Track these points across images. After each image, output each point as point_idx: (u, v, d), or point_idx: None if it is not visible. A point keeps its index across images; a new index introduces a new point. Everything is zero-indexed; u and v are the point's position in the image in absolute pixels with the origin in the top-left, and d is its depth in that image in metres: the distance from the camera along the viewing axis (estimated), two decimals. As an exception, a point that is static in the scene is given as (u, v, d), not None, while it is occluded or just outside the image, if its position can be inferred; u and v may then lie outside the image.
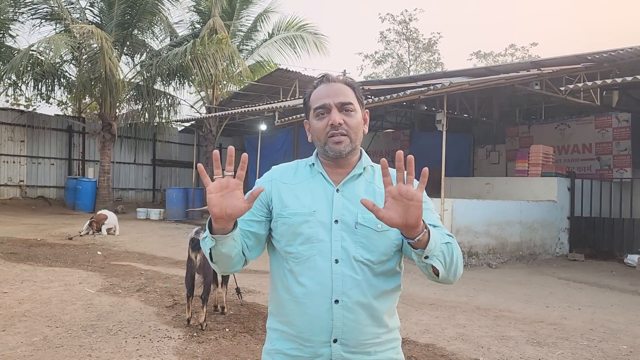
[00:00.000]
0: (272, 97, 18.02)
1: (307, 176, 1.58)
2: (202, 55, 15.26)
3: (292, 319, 1.50)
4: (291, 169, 1.62)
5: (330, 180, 1.54)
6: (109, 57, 14.34)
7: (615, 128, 12.31)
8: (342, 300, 1.44)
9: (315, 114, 1.55)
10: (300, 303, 1.47)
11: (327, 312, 1.44)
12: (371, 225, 1.46)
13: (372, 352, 1.48)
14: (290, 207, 1.52)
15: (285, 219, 1.51)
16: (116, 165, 18.56)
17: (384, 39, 36.39)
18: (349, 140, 1.51)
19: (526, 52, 34.57)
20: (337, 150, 1.50)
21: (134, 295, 5.96)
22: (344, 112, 1.52)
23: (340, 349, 1.45)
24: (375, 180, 1.56)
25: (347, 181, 1.54)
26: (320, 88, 1.57)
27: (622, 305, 6.71)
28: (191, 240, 5.00)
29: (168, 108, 18.02)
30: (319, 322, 1.45)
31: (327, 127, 1.51)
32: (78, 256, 8.48)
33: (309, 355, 1.47)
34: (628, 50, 9.20)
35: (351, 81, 1.59)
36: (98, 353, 4.03)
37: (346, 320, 1.44)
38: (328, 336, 1.44)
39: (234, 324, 5.01)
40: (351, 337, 1.45)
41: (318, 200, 1.51)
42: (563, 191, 11.13)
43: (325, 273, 1.45)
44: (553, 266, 9.82)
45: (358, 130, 1.54)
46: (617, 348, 4.79)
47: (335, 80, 1.57)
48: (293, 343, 1.50)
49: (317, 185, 1.55)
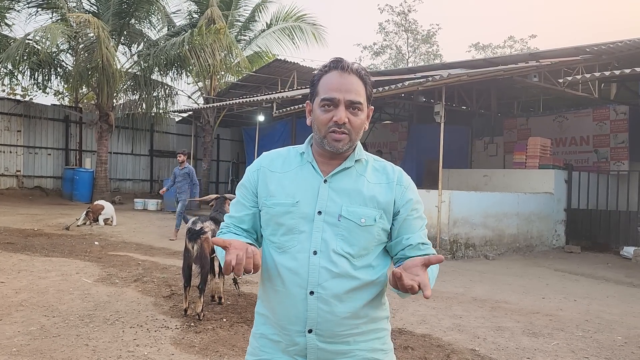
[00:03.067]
0: (270, 88, 17.96)
1: (296, 164, 1.57)
2: (200, 45, 15.17)
3: (273, 305, 1.51)
4: (281, 156, 1.61)
5: (319, 171, 1.53)
6: (105, 47, 14.24)
7: (613, 121, 12.31)
8: (317, 291, 1.44)
9: (321, 103, 1.50)
10: (278, 292, 1.48)
11: (302, 302, 1.44)
12: (354, 219, 1.47)
13: (351, 342, 1.48)
14: (275, 197, 1.52)
15: (269, 209, 1.52)
16: (113, 156, 18.50)
17: (383, 30, 36.28)
18: (349, 139, 1.49)
19: (525, 44, 34.54)
20: (335, 147, 1.49)
21: (131, 285, 5.96)
22: (350, 109, 1.48)
23: (315, 339, 1.45)
24: (367, 173, 1.55)
25: (337, 173, 1.52)
26: (332, 75, 1.50)
27: (617, 296, 6.75)
28: (188, 231, 5.00)
29: (165, 98, 17.92)
30: (295, 312, 1.46)
31: (330, 122, 1.48)
32: (75, 246, 8.48)
33: (286, 342, 1.48)
34: (627, 43, 9.18)
35: (365, 74, 1.53)
36: (95, 342, 4.04)
37: (320, 311, 1.44)
38: (303, 326, 1.45)
39: (231, 314, 5.03)
40: (326, 328, 1.44)
41: (303, 191, 1.51)
42: (560, 183, 11.15)
43: (303, 264, 1.45)
44: (549, 258, 9.86)
45: (360, 130, 1.52)
46: (612, 339, 4.82)
47: (350, 71, 1.50)
48: (274, 329, 1.52)
49: (305, 174, 1.54)
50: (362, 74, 1.52)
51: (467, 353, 4.23)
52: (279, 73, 17.07)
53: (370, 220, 1.48)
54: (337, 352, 1.47)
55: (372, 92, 1.56)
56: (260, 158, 1.64)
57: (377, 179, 1.55)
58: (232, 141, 22.59)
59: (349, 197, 1.49)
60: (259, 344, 1.56)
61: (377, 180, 1.55)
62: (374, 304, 1.52)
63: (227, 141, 22.49)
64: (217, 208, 5.60)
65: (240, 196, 1.61)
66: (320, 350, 1.46)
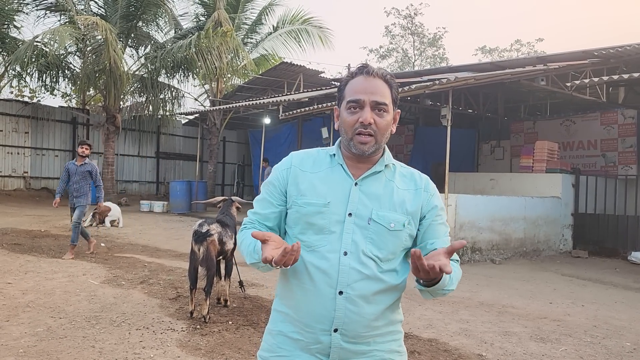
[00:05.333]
0: (277, 90, 17.98)
1: (326, 166, 1.59)
2: (207, 48, 15.22)
3: (297, 303, 1.53)
4: (311, 156, 1.63)
5: (350, 173, 1.55)
6: (113, 49, 14.31)
7: (621, 124, 12.24)
8: (346, 292, 1.46)
9: (347, 106, 1.54)
10: (306, 290, 1.50)
11: (331, 302, 1.46)
12: (384, 223, 1.50)
13: (371, 343, 1.51)
14: (306, 196, 1.54)
15: (299, 208, 1.54)
16: (120, 158, 18.58)
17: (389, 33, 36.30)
18: (374, 141, 1.52)
19: (532, 47, 34.44)
20: (361, 149, 1.52)
21: (137, 287, 5.97)
22: (376, 111, 1.52)
23: (339, 339, 1.47)
24: (395, 178, 1.58)
25: (367, 176, 1.55)
26: (358, 80, 1.55)
27: (625, 302, 6.69)
28: (195, 233, 4.99)
29: (172, 101, 17.98)
30: (322, 311, 1.47)
31: (356, 123, 1.51)
32: (82, 248, 8.48)
33: (308, 340, 1.50)
34: (635, 46, 9.12)
35: (390, 78, 1.57)
36: (101, 344, 4.04)
37: (348, 312, 1.46)
38: (329, 325, 1.47)
39: (237, 317, 5.02)
40: (351, 328, 1.47)
41: (334, 192, 1.53)
42: (567, 187, 11.08)
43: (334, 264, 1.47)
44: (557, 262, 9.79)
45: (386, 131, 1.55)
46: (621, 345, 4.78)
47: (375, 75, 1.54)
48: (295, 327, 1.53)
49: (336, 176, 1.56)
50: (387, 78, 1.56)
51: (474, 358, 4.20)
52: (286, 76, 17.09)
53: (399, 225, 1.51)
54: (358, 352, 1.49)
55: (397, 95, 1.59)
56: (289, 157, 1.65)
57: (405, 185, 1.58)
58: (238, 143, 22.63)
59: (379, 201, 1.52)
60: (276, 341, 1.57)
61: (405, 186, 1.58)
62: (393, 307, 1.56)
63: (233, 143, 22.53)
64: (224, 210, 5.59)
65: (267, 194, 1.62)
66: (342, 349, 1.48)
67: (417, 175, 1.63)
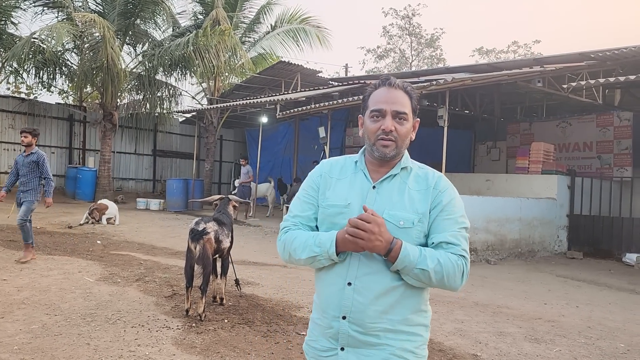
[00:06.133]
0: (274, 89, 17.98)
1: (351, 172, 1.77)
2: (205, 46, 15.21)
3: (320, 292, 1.73)
4: (339, 164, 1.82)
5: (369, 178, 1.72)
6: (110, 47, 14.28)
7: (616, 127, 12.30)
8: (354, 283, 1.61)
9: (370, 115, 1.71)
10: (326, 280, 1.69)
11: (340, 291, 1.63)
12: (394, 221, 1.62)
13: (381, 337, 1.61)
14: (329, 199, 1.73)
15: (324, 209, 1.73)
16: (117, 155, 18.54)
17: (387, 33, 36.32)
18: (395, 146, 1.68)
19: (529, 49, 34.53)
20: (383, 152, 1.68)
21: (133, 284, 5.96)
22: (397, 119, 1.68)
23: (347, 326, 1.61)
24: (409, 180, 1.72)
25: (384, 180, 1.71)
26: (380, 91, 1.71)
27: (619, 303, 6.73)
28: (191, 231, 5.00)
29: (169, 99, 17.95)
30: (333, 299, 1.64)
31: (379, 130, 1.68)
32: (77, 245, 8.49)
33: (325, 325, 1.68)
34: (632, 49, 9.17)
35: (411, 90, 1.73)
36: (97, 342, 4.04)
37: (355, 302, 1.60)
38: (339, 312, 1.63)
39: (232, 315, 5.02)
40: (358, 317, 1.60)
41: (355, 195, 1.70)
42: (563, 189, 11.13)
43: (347, 258, 1.64)
44: (551, 264, 9.84)
45: (405, 138, 1.70)
46: (615, 346, 4.81)
47: (396, 87, 1.70)
48: (318, 313, 1.73)
49: (358, 181, 1.73)
50: (407, 89, 1.72)
51: (469, 358, 4.22)
52: (283, 75, 17.09)
53: (408, 223, 1.63)
54: (366, 342, 1.61)
55: (417, 105, 1.75)
56: (320, 165, 1.85)
57: (418, 186, 1.71)
58: (235, 142, 22.61)
59: (391, 201, 1.67)
60: (311, 327, 1.78)
61: (417, 187, 1.70)
62: (410, 307, 1.64)
63: (230, 142, 22.51)
64: (220, 209, 5.59)
65: (306, 197, 1.79)
66: (350, 337, 1.61)
67: (431, 174, 1.74)
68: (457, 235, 1.64)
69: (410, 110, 1.70)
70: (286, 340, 4.38)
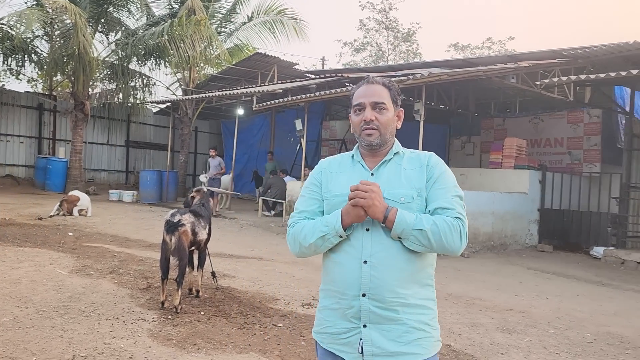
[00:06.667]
0: (250, 81, 17.83)
1: (349, 165, 1.92)
2: (180, 36, 14.95)
3: (333, 277, 1.80)
4: (336, 160, 1.97)
5: (366, 167, 1.87)
6: (82, 34, 13.93)
7: (586, 123, 12.60)
8: (370, 260, 1.72)
9: (353, 110, 1.88)
10: (339, 263, 1.78)
11: (357, 270, 1.73)
12: (395, 198, 1.76)
13: (400, 312, 1.71)
14: (333, 190, 1.86)
15: (329, 200, 1.86)
16: (88, 146, 18.16)
17: (364, 27, 36.32)
18: (379, 134, 1.83)
19: (503, 45, 35.01)
20: (368, 141, 1.83)
21: (106, 277, 5.88)
22: (377, 110, 1.83)
23: (368, 303, 1.71)
24: (403, 162, 1.86)
25: (379, 166, 1.86)
26: (361, 88, 1.88)
27: (587, 295, 6.93)
28: (166, 223, 4.95)
29: (143, 89, 17.64)
30: (351, 279, 1.74)
31: (361, 122, 1.84)
32: (48, 237, 8.31)
33: (344, 307, 1.76)
34: (602, 48, 9.39)
35: (389, 83, 1.88)
36: (70, 334, 3.97)
37: (372, 277, 1.71)
38: (358, 290, 1.72)
39: (209, 307, 5.00)
40: (377, 292, 1.70)
41: (355, 183, 1.77)
42: (534, 184, 11.37)
43: (358, 239, 1.75)
44: (523, 256, 10.06)
45: (388, 126, 1.85)
46: (582, 336, 4.96)
47: (374, 82, 1.87)
48: (334, 298, 1.80)
49: (356, 171, 1.88)
50: (385, 83, 1.88)
51: (443, 348, 4.30)
52: (260, 67, 16.96)
53: (408, 198, 1.77)
54: (387, 317, 1.71)
55: (397, 96, 1.89)
56: (319, 164, 2.00)
57: (411, 166, 1.85)
58: (211, 134, 22.38)
59: (389, 182, 1.80)
60: (322, 315, 1.85)
61: (411, 166, 1.85)
62: (419, 281, 1.76)
63: (206, 134, 22.28)
64: (201, 201, 5.55)
65: (310, 193, 1.92)
66: (372, 313, 1.71)
67: (423, 154, 1.89)
68: (451, 201, 1.75)
69: (389, 101, 1.85)
70: (263, 332, 4.39)
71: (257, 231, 11.37)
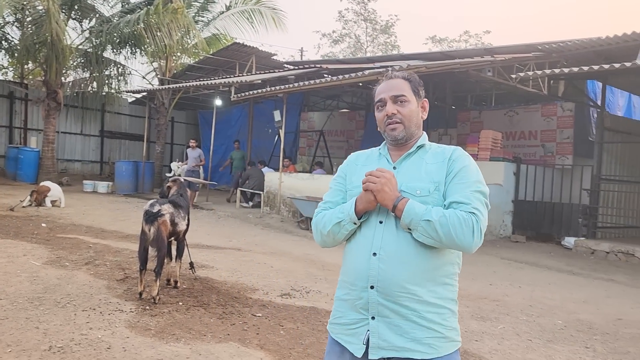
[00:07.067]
0: (228, 71, 17.68)
1: (375, 159, 1.92)
2: (156, 24, 14.71)
3: (346, 267, 1.82)
4: (365, 154, 1.99)
5: (390, 161, 1.87)
6: (55, 21, 13.58)
7: (559, 117, 12.85)
8: (379, 253, 1.71)
9: (376, 106, 1.89)
10: (353, 254, 1.80)
11: (367, 262, 1.72)
12: (411, 191, 1.74)
13: (409, 307, 1.67)
14: (354, 182, 1.86)
15: (350, 191, 1.88)
16: (61, 136, 17.80)
17: (342, 18, 36.29)
18: (403, 127, 1.82)
19: (479, 39, 35.44)
20: (393, 135, 1.83)
21: (82, 268, 5.80)
22: (398, 103, 1.83)
23: (376, 295, 1.69)
24: (426, 156, 1.84)
25: (402, 159, 1.85)
26: (381, 85, 1.89)
27: (558, 284, 7.13)
28: (145, 213, 4.90)
29: (118, 78, 17.34)
30: (360, 270, 1.73)
31: (384, 117, 1.84)
32: (21, 228, 8.15)
33: (354, 298, 1.75)
34: (575, 42, 9.59)
35: (409, 75, 1.88)
36: (46, 325, 3.93)
37: (380, 270, 1.69)
38: (366, 282, 1.71)
39: (187, 297, 4.99)
40: (385, 286, 1.68)
41: None
42: (509, 175, 11.58)
43: (371, 230, 1.76)
44: (497, 247, 10.25)
45: (411, 118, 1.84)
46: (553, 323, 5.11)
47: (393, 77, 1.87)
48: (345, 289, 1.80)
49: (380, 165, 1.86)
50: (404, 75, 1.87)
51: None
52: (238, 57, 16.82)
53: (424, 191, 1.74)
54: (395, 311, 1.68)
55: (418, 87, 1.88)
56: (349, 157, 2.02)
57: (434, 160, 1.81)
58: (188, 124, 22.14)
59: (409, 175, 1.79)
60: (335, 305, 1.86)
61: (434, 160, 1.81)
62: (436, 279, 1.72)
63: (182, 124, 22.04)
64: (179, 191, 5.52)
65: (335, 185, 1.95)
66: (380, 305, 1.69)
67: (447, 149, 1.85)
68: (468, 195, 1.70)
69: (410, 93, 1.84)
70: (242, 322, 4.41)
71: (235, 222, 11.34)
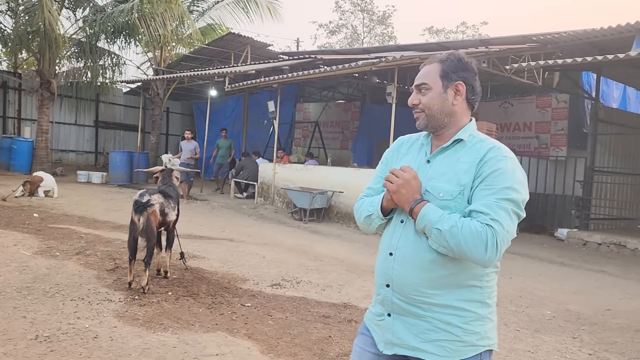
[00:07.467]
0: (223, 62, 17.59)
1: (417, 148, 1.82)
2: (150, 13, 14.60)
3: (376, 260, 1.82)
4: (411, 140, 1.87)
5: (428, 152, 1.76)
6: (48, 10, 13.46)
7: (554, 108, 12.85)
8: (395, 253, 1.68)
9: None
10: (379, 248, 1.79)
11: (385, 260, 1.72)
12: (434, 192, 1.63)
13: (425, 309, 1.62)
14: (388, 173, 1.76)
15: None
16: (55, 126, 17.71)
17: (339, 8, 36.14)
18: (424, 116, 1.72)
19: (476, 30, 35.35)
20: (417, 126, 1.76)
21: (72, 258, 5.79)
22: (420, 92, 1.73)
23: (391, 294, 1.68)
24: (461, 153, 1.67)
25: (437, 153, 1.72)
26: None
27: (549, 275, 7.16)
28: (135, 203, 4.89)
29: (112, 68, 17.21)
30: (380, 267, 1.74)
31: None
32: (13, 217, 8.13)
33: (377, 292, 1.78)
34: (570, 34, 9.56)
35: (446, 56, 1.73)
36: (34, 315, 3.92)
37: (395, 271, 1.67)
38: (384, 280, 1.71)
39: (177, 288, 4.99)
40: (399, 287, 1.66)
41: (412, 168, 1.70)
42: (503, 167, 11.57)
43: (392, 229, 1.73)
44: (490, 238, 10.28)
45: (432, 106, 1.70)
46: (542, 313, 5.13)
47: (428, 63, 1.76)
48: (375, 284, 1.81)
49: (419, 155, 1.77)
50: (442, 58, 1.73)
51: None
52: (233, 47, 16.73)
53: (448, 195, 1.61)
54: (412, 312, 1.65)
55: (452, 69, 1.70)
56: (395, 142, 1.93)
57: (468, 158, 1.65)
58: (183, 115, 22.07)
59: (438, 174, 1.67)
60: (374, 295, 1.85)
61: (467, 159, 1.64)
62: (458, 282, 1.62)
63: (177, 115, 21.96)
64: (165, 181, 5.50)
65: (379, 171, 1.88)
66: (395, 304, 1.68)
67: (484, 147, 1.65)
68: (491, 204, 1.53)
69: (435, 78, 1.69)
70: (231, 312, 4.41)
71: (229, 213, 11.33)
